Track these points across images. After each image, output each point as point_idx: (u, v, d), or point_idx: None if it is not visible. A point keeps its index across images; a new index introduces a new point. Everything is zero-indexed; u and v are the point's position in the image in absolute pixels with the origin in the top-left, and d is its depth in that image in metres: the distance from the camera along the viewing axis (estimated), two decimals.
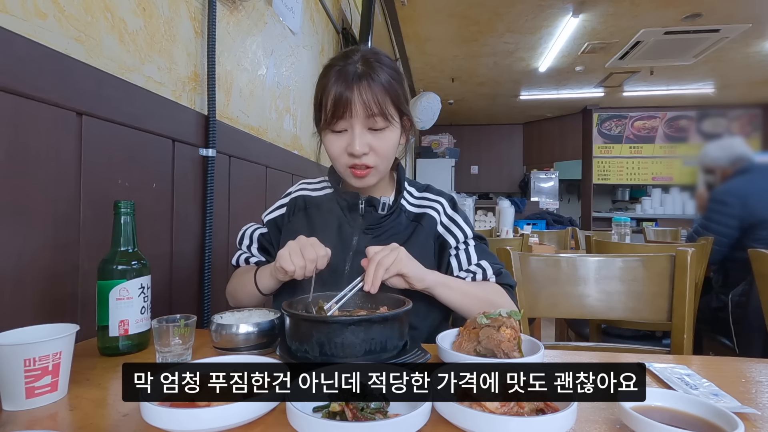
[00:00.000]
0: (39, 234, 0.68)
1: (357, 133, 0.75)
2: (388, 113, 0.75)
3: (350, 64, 0.75)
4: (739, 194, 1.78)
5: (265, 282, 0.79)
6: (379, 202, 0.84)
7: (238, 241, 0.92)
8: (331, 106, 0.75)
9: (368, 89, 0.73)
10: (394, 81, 0.77)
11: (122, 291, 0.65)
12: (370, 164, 0.78)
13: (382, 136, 0.77)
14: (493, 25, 3.90)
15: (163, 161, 0.98)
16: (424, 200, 0.89)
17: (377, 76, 0.74)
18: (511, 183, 7.77)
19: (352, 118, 0.74)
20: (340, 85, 0.74)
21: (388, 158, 0.80)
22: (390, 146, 0.79)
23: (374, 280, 0.65)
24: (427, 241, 0.85)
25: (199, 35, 1.10)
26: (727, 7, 3.42)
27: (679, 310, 1.03)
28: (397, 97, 0.77)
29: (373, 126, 0.76)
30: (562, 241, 3.04)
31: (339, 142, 0.78)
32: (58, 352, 0.50)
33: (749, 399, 0.53)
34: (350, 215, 0.85)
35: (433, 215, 0.87)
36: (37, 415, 0.47)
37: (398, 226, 0.85)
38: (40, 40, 0.68)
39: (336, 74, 0.75)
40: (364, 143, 0.76)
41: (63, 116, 0.72)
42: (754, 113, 6.15)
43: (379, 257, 0.67)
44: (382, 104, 0.74)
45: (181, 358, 0.62)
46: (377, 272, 0.66)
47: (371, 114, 0.74)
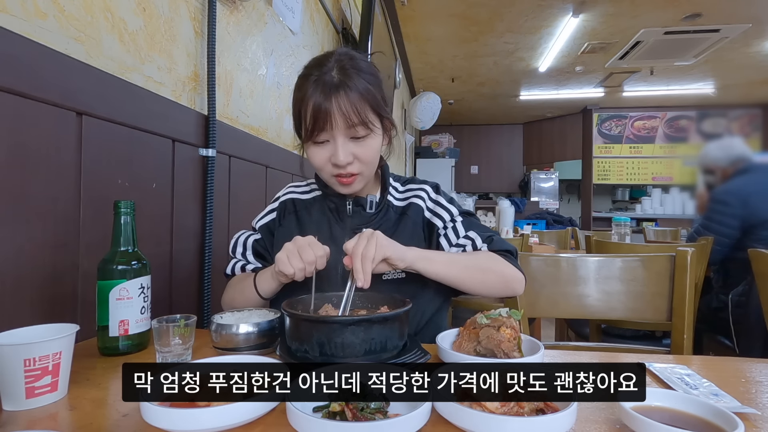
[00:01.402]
0: (39, 234, 0.68)
1: (339, 144, 0.74)
2: (368, 121, 0.74)
3: (326, 73, 0.73)
4: (740, 194, 1.78)
5: (265, 286, 0.79)
6: (367, 201, 0.84)
7: (231, 250, 0.90)
8: (311, 119, 0.73)
9: (346, 99, 0.72)
10: (372, 86, 0.76)
11: (122, 291, 0.65)
12: (355, 171, 0.77)
13: (364, 144, 0.76)
14: (493, 25, 3.90)
15: (163, 161, 0.98)
16: (408, 192, 0.90)
17: (354, 85, 0.73)
18: (511, 183, 7.77)
19: (333, 129, 0.73)
20: (318, 97, 0.72)
21: (372, 164, 0.80)
22: (373, 153, 0.78)
23: (365, 275, 0.63)
24: (416, 230, 0.85)
25: (199, 35, 1.10)
26: (727, 7, 3.42)
27: (679, 310, 1.03)
28: (376, 103, 0.76)
29: (355, 135, 0.75)
30: (562, 241, 3.04)
31: (322, 153, 0.77)
32: (58, 352, 0.50)
33: (749, 399, 0.53)
34: (339, 216, 0.85)
35: (418, 203, 0.87)
36: (37, 415, 0.47)
37: (387, 222, 0.85)
38: (40, 40, 0.68)
39: (313, 85, 0.73)
40: (348, 153, 0.75)
41: (63, 116, 0.72)
42: (754, 113, 6.16)
43: (360, 249, 0.64)
44: (361, 113, 0.73)
45: (181, 358, 0.62)
46: (365, 266, 0.63)
47: (352, 124, 0.73)
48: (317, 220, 0.87)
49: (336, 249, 0.80)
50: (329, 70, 0.74)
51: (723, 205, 1.81)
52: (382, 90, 0.79)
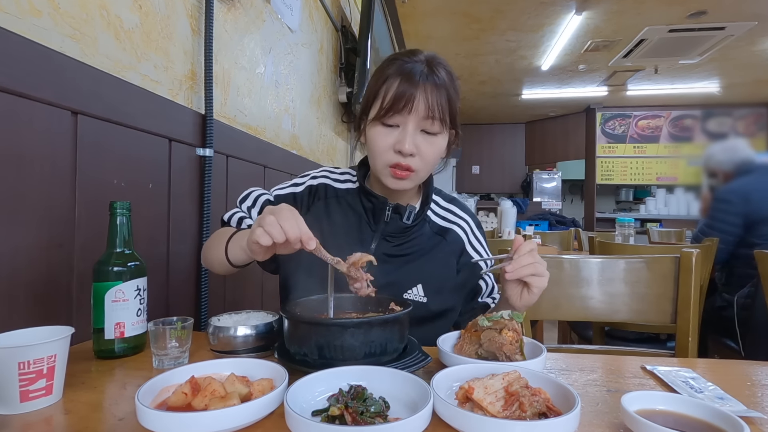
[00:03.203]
0: (33, 235, 0.68)
1: (410, 131, 0.73)
2: (445, 120, 0.74)
3: (416, 63, 0.73)
4: (741, 192, 1.81)
5: (236, 252, 0.71)
6: (406, 210, 0.81)
7: (240, 201, 0.86)
8: (391, 98, 0.72)
9: (434, 90, 0.72)
10: (454, 91, 0.76)
11: (118, 293, 0.64)
12: (413, 167, 0.75)
13: (433, 141, 0.75)
14: (494, 23, 3.88)
15: (159, 161, 0.97)
16: (450, 214, 0.88)
17: (443, 82, 0.73)
18: (513, 183, 7.74)
19: (410, 114, 0.72)
20: (404, 78, 0.72)
21: (431, 165, 0.78)
22: (437, 153, 0.76)
23: (515, 273, 0.67)
24: (450, 259, 0.84)
25: (196, 33, 1.09)
26: (733, 5, 3.40)
27: (683, 312, 1.02)
28: (453, 109, 0.76)
29: (428, 128, 0.74)
30: (565, 242, 3.02)
31: (387, 137, 0.74)
32: (52, 354, 0.50)
33: (755, 403, 0.52)
34: (374, 218, 0.82)
35: (459, 233, 0.86)
36: (31, 419, 0.47)
37: (421, 237, 0.83)
38: (35, 38, 0.67)
39: (399, 67, 0.73)
40: (414, 143, 0.73)
41: (58, 115, 0.71)
42: (760, 112, 6.11)
43: (535, 253, 0.68)
44: (442, 109, 0.73)
45: (178, 361, 0.62)
46: (523, 268, 0.67)
47: (431, 116, 0.72)
48: (348, 217, 0.83)
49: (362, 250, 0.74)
50: (420, 61, 0.74)
51: (725, 203, 1.83)
52: (458, 102, 0.79)
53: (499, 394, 0.45)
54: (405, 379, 0.49)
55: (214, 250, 0.77)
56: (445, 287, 0.82)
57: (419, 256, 0.82)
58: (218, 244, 0.75)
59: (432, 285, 0.80)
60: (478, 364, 0.54)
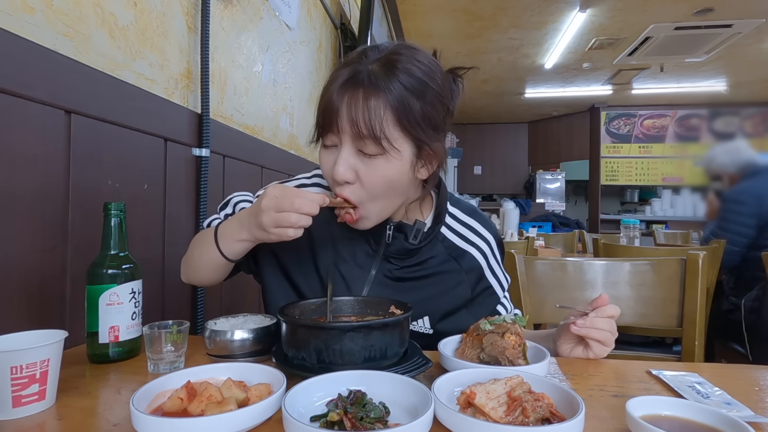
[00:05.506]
0: (26, 237, 0.67)
1: (342, 153, 0.61)
2: (382, 137, 0.59)
3: (363, 63, 0.60)
4: (755, 193, 1.79)
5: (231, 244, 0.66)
6: (412, 230, 0.69)
7: (219, 207, 0.79)
8: (320, 114, 0.63)
9: (362, 102, 0.58)
10: (413, 96, 0.60)
11: (112, 296, 0.63)
12: (352, 200, 0.62)
13: (371, 165, 0.61)
14: (497, 20, 3.86)
15: (154, 161, 0.96)
16: (469, 231, 0.76)
17: (385, 87, 0.58)
18: (516, 184, 7.71)
19: (339, 133, 0.61)
20: (334, 89, 0.60)
21: (379, 196, 0.63)
22: (380, 180, 0.61)
23: (590, 330, 0.62)
24: (463, 289, 0.73)
25: (192, 31, 1.08)
26: (740, 2, 3.37)
27: (690, 316, 1.01)
28: (407, 119, 0.60)
29: (363, 149, 0.60)
30: (569, 244, 3.01)
31: (328, 159, 0.63)
32: (45, 359, 0.49)
33: (763, 408, 0.51)
34: (374, 238, 0.71)
35: (477, 257, 0.74)
36: (24, 424, 0.46)
37: (433, 259, 0.71)
38: (27, 36, 0.67)
39: (340, 74, 0.61)
40: (349, 167, 0.61)
41: (51, 114, 0.71)
42: (767, 112, 6.05)
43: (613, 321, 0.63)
44: (373, 124, 0.58)
45: (174, 365, 0.61)
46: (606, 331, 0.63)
47: (359, 135, 0.59)
48: (343, 235, 0.72)
49: (360, 273, 0.71)
50: (371, 61, 0.61)
51: (738, 204, 1.81)
52: (433, 106, 0.62)
53: (501, 400, 0.44)
54: (405, 383, 0.49)
55: (200, 252, 0.71)
56: (456, 319, 0.72)
57: (429, 284, 0.72)
58: (205, 245, 0.69)
59: (440, 317, 0.72)
60: (480, 369, 0.54)
